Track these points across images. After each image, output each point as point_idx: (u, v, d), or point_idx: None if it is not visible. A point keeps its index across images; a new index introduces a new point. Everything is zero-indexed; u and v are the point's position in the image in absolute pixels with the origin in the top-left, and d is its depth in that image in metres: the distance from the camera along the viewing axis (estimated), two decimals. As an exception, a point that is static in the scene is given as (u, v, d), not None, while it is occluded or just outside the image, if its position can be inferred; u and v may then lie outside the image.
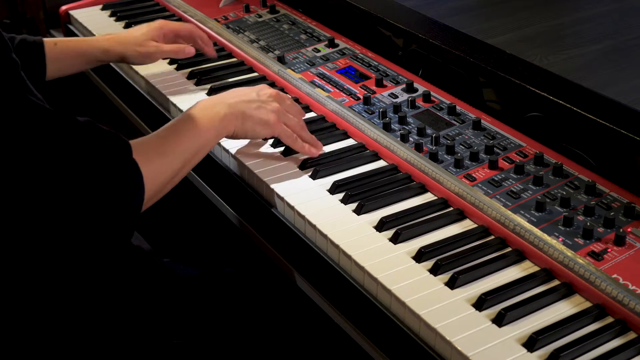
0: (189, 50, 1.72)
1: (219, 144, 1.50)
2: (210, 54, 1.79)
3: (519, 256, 1.22)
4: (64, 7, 2.12)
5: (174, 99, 1.66)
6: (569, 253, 1.17)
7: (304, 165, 1.43)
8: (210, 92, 1.67)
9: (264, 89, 1.46)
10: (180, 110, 1.63)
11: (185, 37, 1.76)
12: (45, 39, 1.63)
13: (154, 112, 1.73)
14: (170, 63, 1.80)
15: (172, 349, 1.34)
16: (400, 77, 1.66)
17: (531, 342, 1.06)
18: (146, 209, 1.22)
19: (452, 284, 1.16)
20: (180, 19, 2.03)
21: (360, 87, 1.63)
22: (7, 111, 1.10)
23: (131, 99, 1.84)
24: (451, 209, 1.32)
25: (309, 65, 1.73)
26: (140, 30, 1.71)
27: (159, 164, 1.23)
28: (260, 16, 1.98)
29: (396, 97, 1.59)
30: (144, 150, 1.21)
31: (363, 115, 1.53)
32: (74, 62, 1.67)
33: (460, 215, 1.30)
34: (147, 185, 1.19)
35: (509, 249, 1.23)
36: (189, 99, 1.65)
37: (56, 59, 1.63)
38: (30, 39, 1.61)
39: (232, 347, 1.40)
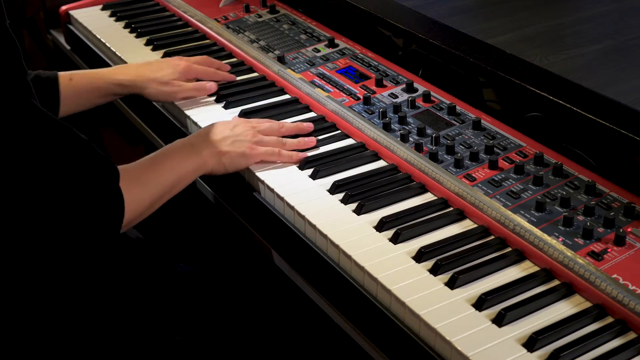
0: (210, 87, 1.66)
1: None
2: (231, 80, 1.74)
3: (519, 256, 1.22)
4: (64, 7, 2.12)
5: (177, 103, 1.66)
6: (569, 253, 1.17)
7: (303, 166, 1.43)
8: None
9: (238, 124, 1.46)
10: (178, 109, 1.63)
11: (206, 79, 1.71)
12: (60, 74, 1.59)
13: (157, 114, 1.73)
14: None
15: (174, 346, 1.34)
16: (400, 77, 1.66)
17: (531, 342, 1.06)
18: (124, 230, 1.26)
19: (452, 284, 1.16)
20: (180, 19, 2.03)
21: (360, 87, 1.63)
22: (12, 113, 1.12)
23: (138, 107, 1.84)
24: (451, 209, 1.32)
25: (309, 65, 1.73)
26: (164, 71, 1.64)
27: (138, 193, 1.27)
28: (260, 16, 1.98)
29: (396, 97, 1.59)
30: (126, 178, 1.24)
31: (363, 115, 1.53)
32: (88, 97, 1.62)
33: (460, 215, 1.30)
34: (125, 211, 1.22)
35: (509, 249, 1.23)
36: (189, 99, 1.66)
37: (71, 96, 1.59)
38: (44, 75, 1.57)
39: (232, 345, 1.40)
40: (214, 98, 1.66)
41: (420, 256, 1.21)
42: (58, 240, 1.17)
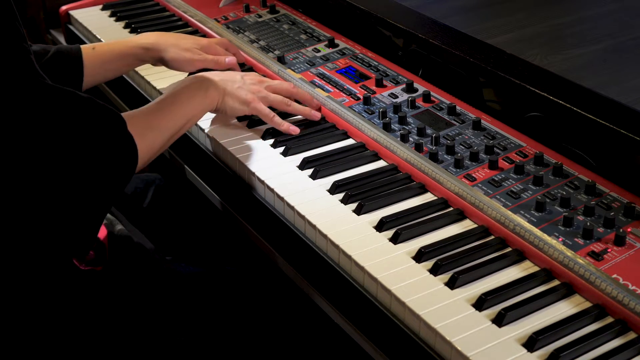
0: (230, 61, 1.68)
1: (220, 144, 1.50)
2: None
3: (519, 256, 1.22)
4: (64, 7, 2.12)
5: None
6: (569, 253, 1.17)
7: (303, 166, 1.43)
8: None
9: (250, 75, 1.55)
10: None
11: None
12: (83, 46, 1.61)
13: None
14: None
15: (176, 346, 1.34)
16: (400, 77, 1.66)
17: (531, 342, 1.06)
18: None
19: (452, 284, 1.16)
20: (180, 19, 2.03)
21: (360, 87, 1.63)
22: (13, 85, 1.13)
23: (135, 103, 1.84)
24: (451, 209, 1.32)
25: (309, 65, 1.73)
26: (187, 40, 1.68)
27: (151, 138, 1.31)
28: (260, 16, 1.98)
29: (396, 97, 1.59)
30: (136, 125, 1.27)
31: (363, 115, 1.53)
32: (114, 65, 1.64)
33: (460, 215, 1.30)
34: (139, 156, 1.25)
35: (509, 249, 1.23)
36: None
37: (95, 65, 1.61)
38: (65, 49, 1.59)
39: (234, 345, 1.40)
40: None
41: (420, 256, 1.21)
42: (77, 193, 1.17)
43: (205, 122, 1.57)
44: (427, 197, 1.36)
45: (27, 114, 1.13)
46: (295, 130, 1.51)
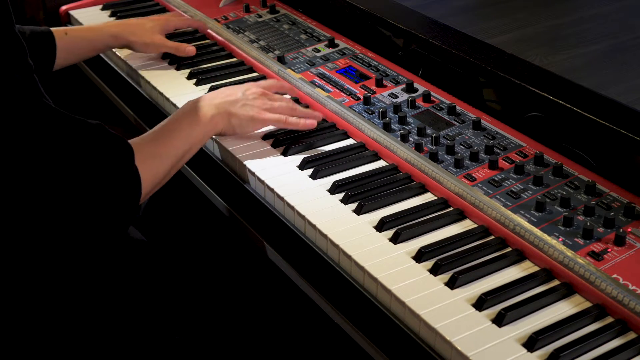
0: (189, 50, 1.79)
1: (221, 143, 1.50)
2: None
3: (519, 256, 1.22)
4: (64, 7, 2.12)
5: (174, 100, 1.66)
6: (569, 253, 1.17)
7: (303, 166, 1.43)
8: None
9: (249, 88, 1.52)
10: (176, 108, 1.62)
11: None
12: (54, 29, 1.68)
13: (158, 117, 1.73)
14: (171, 63, 1.80)
15: (175, 345, 1.34)
16: (400, 77, 1.66)
17: (531, 342, 1.06)
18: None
19: (452, 284, 1.16)
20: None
21: (360, 87, 1.63)
22: (23, 112, 1.14)
23: (137, 105, 1.84)
24: (451, 209, 1.32)
25: (309, 65, 1.73)
26: (148, 24, 1.81)
27: (153, 166, 1.30)
28: (260, 16, 1.98)
29: (396, 97, 1.59)
30: (140, 153, 1.27)
31: (363, 115, 1.53)
32: (84, 49, 1.75)
33: (460, 215, 1.30)
34: (142, 186, 1.25)
35: (509, 249, 1.23)
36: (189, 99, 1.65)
37: (66, 49, 1.69)
38: (39, 30, 1.65)
39: (233, 345, 1.40)
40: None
41: (420, 256, 1.21)
42: (79, 225, 1.18)
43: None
44: (427, 197, 1.36)
45: (33, 141, 1.15)
46: (312, 124, 1.50)
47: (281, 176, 1.41)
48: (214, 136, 1.51)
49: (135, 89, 1.81)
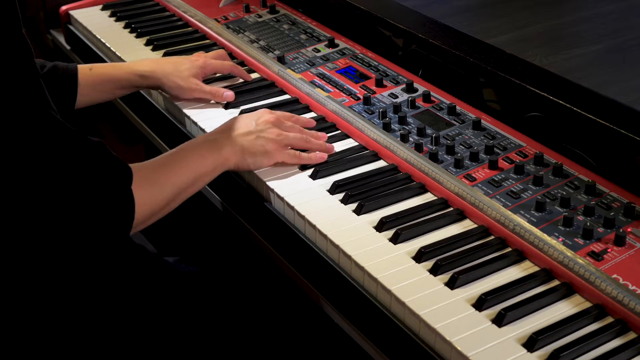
0: (227, 95, 1.64)
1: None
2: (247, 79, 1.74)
3: (519, 256, 1.22)
4: (64, 7, 2.12)
5: (177, 102, 1.66)
6: (569, 253, 1.17)
7: (304, 166, 1.43)
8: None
9: (262, 116, 1.45)
10: (175, 107, 1.63)
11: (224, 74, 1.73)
12: (80, 65, 1.60)
13: (166, 122, 1.73)
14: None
15: (175, 346, 1.34)
16: (400, 77, 1.66)
17: (531, 342, 1.06)
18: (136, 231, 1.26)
19: (452, 284, 1.16)
20: (180, 19, 2.03)
21: (360, 87, 1.63)
22: (24, 119, 1.12)
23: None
24: (451, 209, 1.32)
25: (309, 65, 1.73)
26: (184, 65, 1.65)
27: (152, 192, 1.25)
28: (260, 16, 1.98)
29: (396, 97, 1.59)
30: (137, 178, 1.23)
31: (363, 116, 1.53)
32: (108, 88, 1.62)
33: (460, 215, 1.30)
34: (136, 212, 1.21)
35: (509, 249, 1.23)
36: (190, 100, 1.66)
37: (90, 86, 1.59)
38: (62, 66, 1.57)
39: (233, 345, 1.40)
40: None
41: (420, 256, 1.21)
42: (66, 242, 1.17)
43: (203, 120, 1.57)
44: (427, 197, 1.36)
45: (29, 150, 1.13)
46: (323, 157, 1.44)
47: (281, 177, 1.41)
48: None
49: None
